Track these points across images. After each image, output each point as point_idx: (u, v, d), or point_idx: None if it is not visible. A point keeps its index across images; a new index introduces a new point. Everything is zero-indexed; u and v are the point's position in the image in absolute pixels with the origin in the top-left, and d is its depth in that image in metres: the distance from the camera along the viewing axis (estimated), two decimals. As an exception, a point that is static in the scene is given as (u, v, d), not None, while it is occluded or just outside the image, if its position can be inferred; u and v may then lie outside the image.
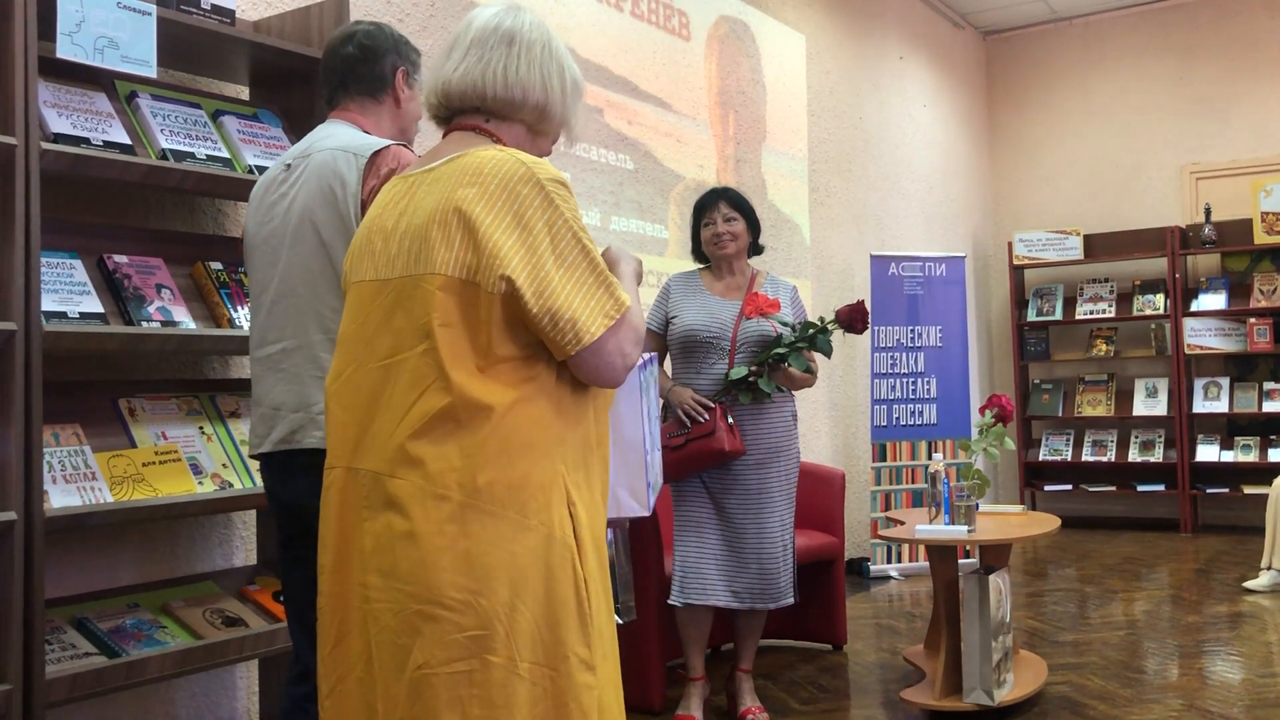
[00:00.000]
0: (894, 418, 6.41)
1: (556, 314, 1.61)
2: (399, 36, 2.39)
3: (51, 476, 2.42)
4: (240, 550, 3.21)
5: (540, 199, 1.65)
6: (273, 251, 2.24)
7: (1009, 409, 3.99)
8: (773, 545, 3.50)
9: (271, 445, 2.20)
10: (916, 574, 6.16)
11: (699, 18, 5.64)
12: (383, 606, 1.62)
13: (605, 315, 1.66)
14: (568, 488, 1.66)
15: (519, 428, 1.63)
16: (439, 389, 1.61)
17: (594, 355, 1.65)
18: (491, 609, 1.57)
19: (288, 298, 2.19)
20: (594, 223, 4.82)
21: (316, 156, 2.20)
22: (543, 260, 1.62)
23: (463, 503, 1.59)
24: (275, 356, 2.22)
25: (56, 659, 2.40)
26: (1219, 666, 4.20)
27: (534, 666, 1.59)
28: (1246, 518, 7.48)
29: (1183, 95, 8.13)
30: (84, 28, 2.43)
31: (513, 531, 1.60)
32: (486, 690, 1.57)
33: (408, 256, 1.68)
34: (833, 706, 3.83)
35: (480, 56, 1.81)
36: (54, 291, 2.48)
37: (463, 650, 1.57)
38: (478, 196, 1.64)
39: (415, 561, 1.59)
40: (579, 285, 1.64)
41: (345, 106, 2.34)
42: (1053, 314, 8.14)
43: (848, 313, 3.52)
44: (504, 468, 1.61)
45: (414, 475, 1.61)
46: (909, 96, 7.63)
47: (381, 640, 1.62)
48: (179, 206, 3.11)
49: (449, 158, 1.73)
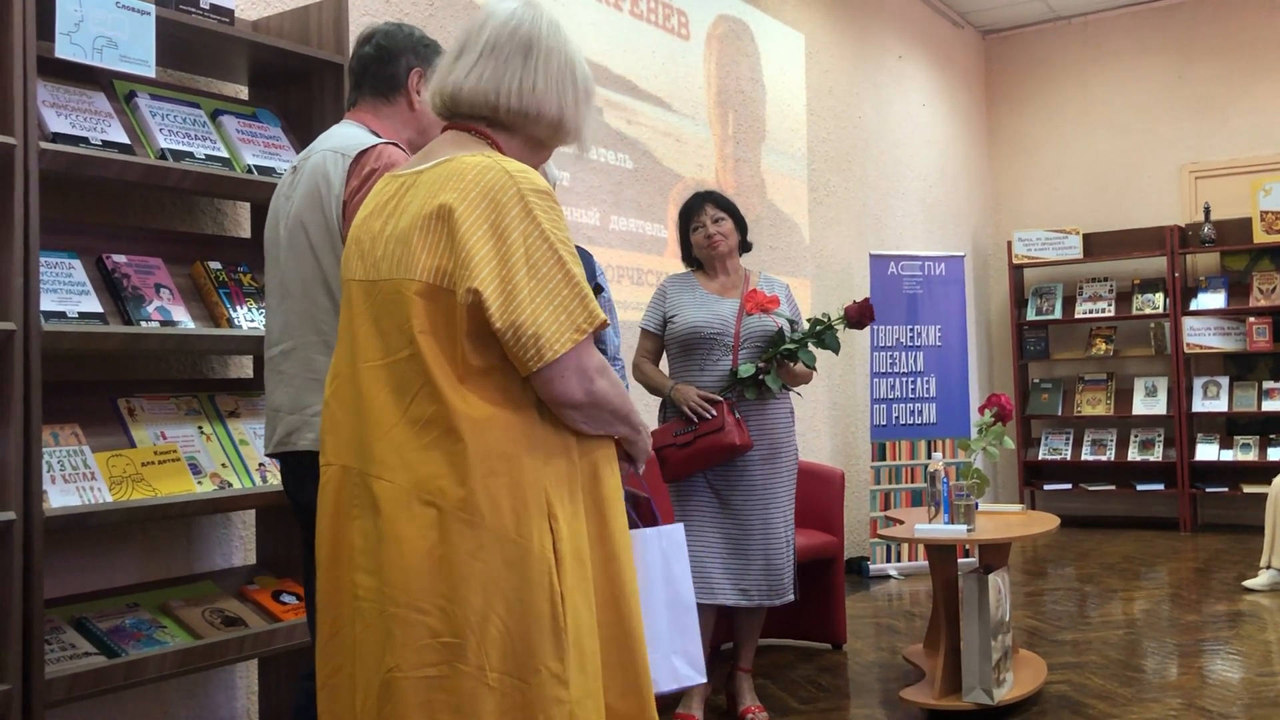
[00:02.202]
0: (893, 417, 6.41)
1: (520, 329, 1.59)
2: (420, 37, 2.35)
3: (51, 476, 2.42)
4: (239, 550, 3.21)
5: (519, 209, 1.63)
6: (276, 254, 2.27)
7: (1008, 408, 4.00)
8: (778, 541, 3.51)
9: (273, 447, 2.23)
10: (916, 573, 6.16)
11: (698, 17, 5.64)
12: (368, 605, 1.64)
13: (575, 329, 1.63)
14: (550, 501, 1.65)
15: (501, 437, 1.62)
16: (426, 396, 1.62)
17: (554, 371, 1.62)
18: (464, 617, 1.58)
19: (286, 300, 2.21)
20: (593, 222, 4.82)
21: (313, 158, 2.21)
22: (514, 272, 1.60)
23: (445, 510, 1.59)
24: (276, 359, 2.24)
25: (56, 659, 2.40)
26: (1218, 665, 4.20)
27: (503, 677, 1.59)
28: (1246, 517, 7.48)
29: (1182, 94, 8.13)
30: (83, 27, 2.43)
31: (491, 541, 1.60)
32: (455, 697, 1.58)
33: (392, 259, 1.68)
34: (832, 706, 3.83)
35: (495, 67, 1.77)
36: (53, 291, 2.48)
37: (434, 656, 1.58)
38: (457, 204, 1.62)
39: (396, 565, 1.60)
40: (550, 298, 1.62)
41: (359, 107, 2.34)
42: (1052, 313, 8.14)
43: (857, 310, 3.53)
44: (485, 477, 1.60)
45: (401, 478, 1.62)
46: (908, 96, 7.63)
47: (365, 638, 1.64)
48: (178, 206, 3.11)
49: (438, 161, 1.72)
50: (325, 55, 2.96)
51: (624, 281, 4.94)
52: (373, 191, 1.83)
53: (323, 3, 3.03)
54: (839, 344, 3.53)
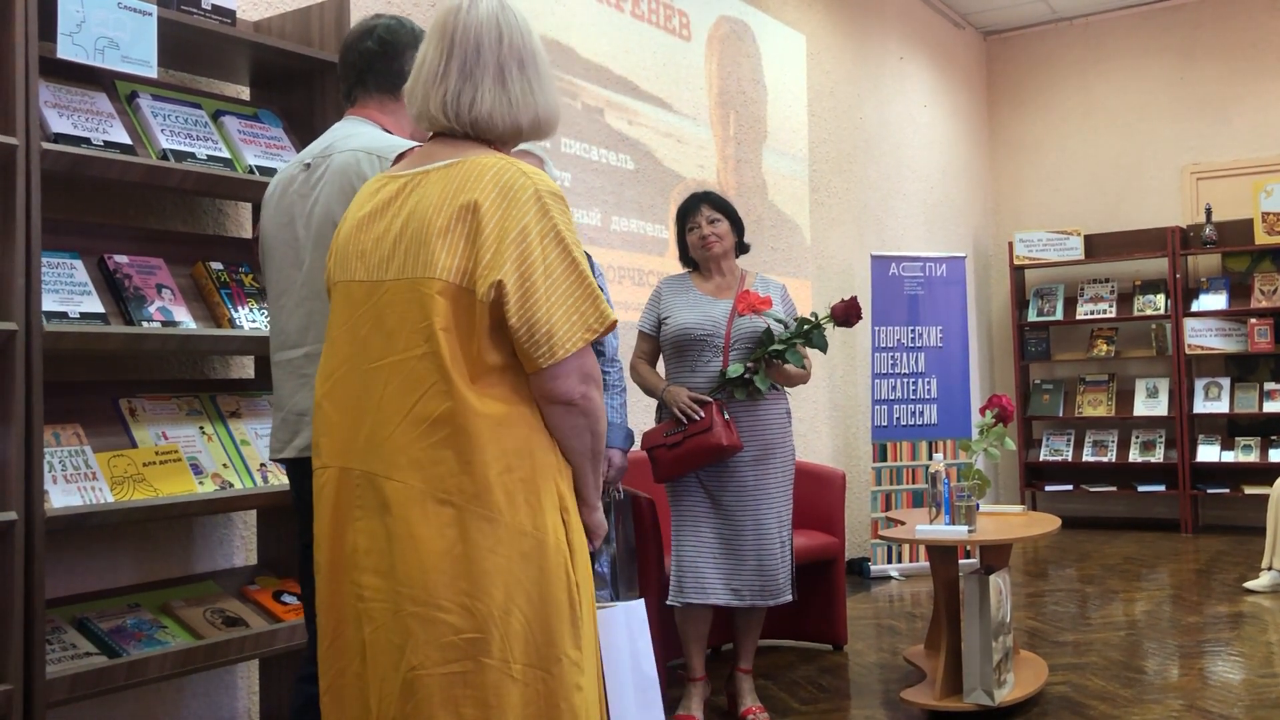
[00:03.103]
0: (894, 418, 6.41)
1: (535, 325, 1.62)
2: (420, 31, 2.34)
3: (52, 476, 2.42)
4: (241, 550, 3.21)
5: (537, 209, 1.65)
6: (295, 254, 2.21)
7: (1009, 409, 4.00)
8: (770, 542, 3.51)
9: (296, 452, 2.18)
10: (917, 574, 6.15)
11: (699, 18, 5.64)
12: (378, 606, 1.64)
13: (586, 329, 1.66)
14: (561, 493, 1.69)
15: (514, 434, 1.65)
16: (439, 393, 1.62)
17: (560, 368, 1.65)
18: (487, 612, 1.60)
19: (312, 300, 2.17)
20: (594, 223, 4.82)
21: (338, 158, 2.16)
22: (531, 270, 1.63)
23: (462, 507, 1.61)
24: (298, 362, 2.19)
25: (57, 659, 2.40)
26: (1219, 667, 4.20)
27: (527, 668, 1.61)
28: (1247, 518, 7.48)
29: (1183, 95, 8.13)
30: (84, 28, 2.43)
31: (508, 536, 1.62)
32: (480, 691, 1.59)
33: (405, 258, 1.68)
34: (833, 706, 3.83)
35: (463, 88, 1.74)
36: (55, 291, 2.48)
37: (458, 652, 1.59)
38: (480, 202, 1.64)
39: (413, 564, 1.61)
40: (563, 298, 1.64)
41: (364, 104, 2.32)
42: (1053, 314, 8.14)
43: (843, 309, 3.53)
44: (501, 474, 1.62)
45: (413, 478, 1.62)
46: (909, 96, 7.63)
47: (376, 639, 1.64)
48: (179, 206, 3.11)
49: (447, 162, 1.72)
50: (327, 56, 2.96)
51: (625, 282, 4.94)
52: (366, 193, 1.83)
53: (324, 3, 3.03)
54: (826, 343, 3.54)
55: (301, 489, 2.25)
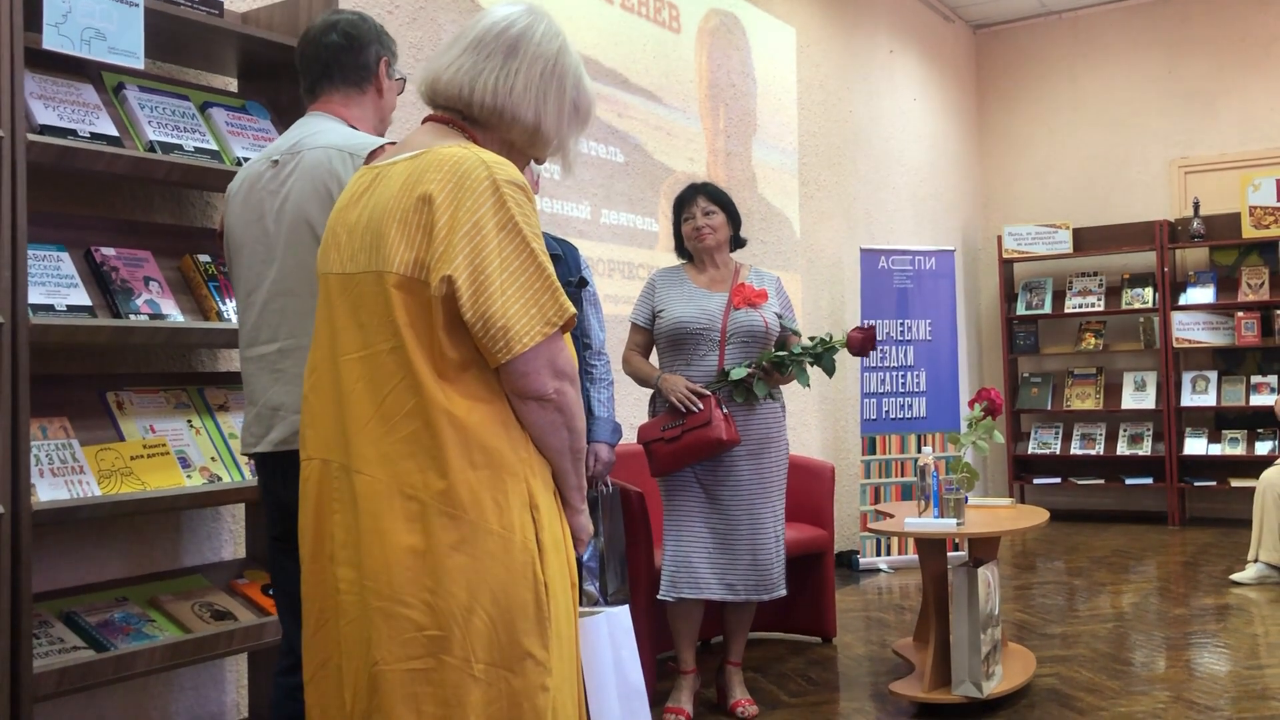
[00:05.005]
0: (883, 411, 6.42)
1: (490, 319, 1.59)
2: (379, 26, 2.39)
3: (39, 470, 2.41)
4: (229, 544, 3.21)
5: (493, 201, 1.62)
6: (265, 250, 2.21)
7: (998, 402, 4.01)
8: (766, 536, 3.51)
9: (271, 445, 2.18)
10: (906, 567, 6.17)
11: (689, 10, 5.63)
12: (350, 599, 1.64)
13: (546, 323, 1.62)
14: (531, 491, 1.66)
15: (482, 430, 1.62)
16: (406, 388, 1.61)
17: (523, 364, 1.62)
18: (449, 610, 1.58)
19: (284, 297, 2.17)
20: (584, 216, 4.81)
21: (308, 155, 2.16)
22: (486, 263, 1.60)
23: (427, 503, 1.60)
24: (271, 357, 2.19)
25: (44, 653, 2.39)
26: (1206, 659, 4.22)
27: (489, 668, 1.59)
28: (1234, 510, 7.52)
29: (1171, 89, 8.15)
30: (70, 18, 2.42)
31: (473, 534, 1.60)
32: (441, 689, 1.58)
33: (368, 251, 1.67)
34: (822, 699, 3.84)
35: (475, 62, 1.76)
36: (41, 284, 2.47)
37: (419, 649, 1.58)
38: (435, 195, 1.62)
39: (378, 559, 1.60)
40: (520, 292, 1.61)
41: (328, 97, 2.32)
42: (1042, 307, 8.16)
43: (860, 339, 3.53)
44: (466, 470, 1.60)
45: (380, 473, 1.62)
46: (899, 90, 7.64)
47: (349, 632, 1.64)
48: (167, 199, 3.09)
49: (414, 152, 1.71)
50: (315, 47, 2.94)
51: (615, 276, 4.94)
52: (349, 184, 1.83)
53: (312, -5, 3.01)
54: (834, 366, 3.55)
55: (270, 484, 2.24)
